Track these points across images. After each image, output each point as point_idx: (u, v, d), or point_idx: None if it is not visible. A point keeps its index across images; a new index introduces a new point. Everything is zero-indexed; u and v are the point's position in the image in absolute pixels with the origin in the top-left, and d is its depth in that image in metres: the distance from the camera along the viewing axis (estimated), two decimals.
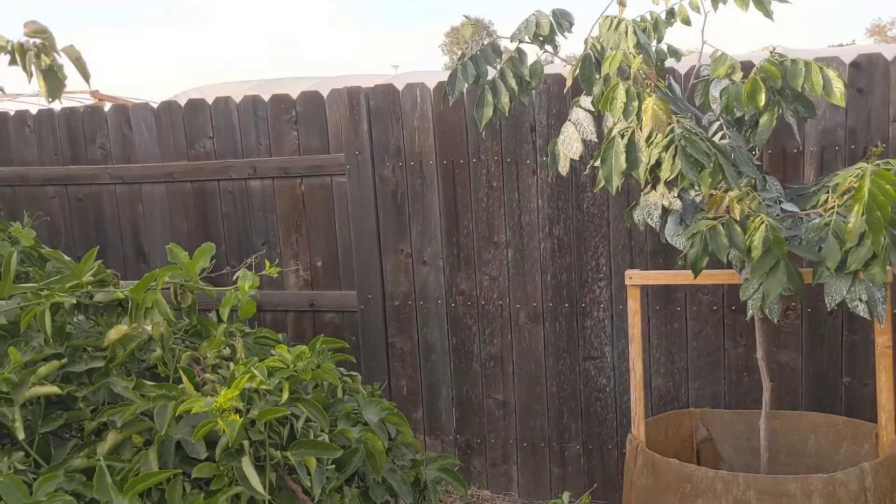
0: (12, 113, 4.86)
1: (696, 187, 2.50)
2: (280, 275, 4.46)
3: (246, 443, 1.60)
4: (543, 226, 4.05)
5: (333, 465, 1.75)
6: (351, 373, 2.23)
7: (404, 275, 4.30)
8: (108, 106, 4.99)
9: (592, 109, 3.05)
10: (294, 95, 4.37)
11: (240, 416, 1.57)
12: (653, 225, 2.77)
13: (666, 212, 2.79)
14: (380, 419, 1.99)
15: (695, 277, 2.52)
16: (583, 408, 4.14)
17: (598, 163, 2.66)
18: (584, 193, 3.97)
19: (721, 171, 2.39)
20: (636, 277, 3.01)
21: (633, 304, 3.03)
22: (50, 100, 1.84)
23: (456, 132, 4.09)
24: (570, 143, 3.10)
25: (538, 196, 4.04)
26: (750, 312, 2.53)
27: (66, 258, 1.97)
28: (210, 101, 4.50)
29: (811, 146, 3.64)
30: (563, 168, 3.14)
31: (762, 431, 2.95)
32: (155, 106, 4.62)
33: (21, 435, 1.59)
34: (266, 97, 4.41)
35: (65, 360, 1.72)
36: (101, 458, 1.59)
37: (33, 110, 4.86)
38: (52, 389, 1.64)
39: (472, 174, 4.11)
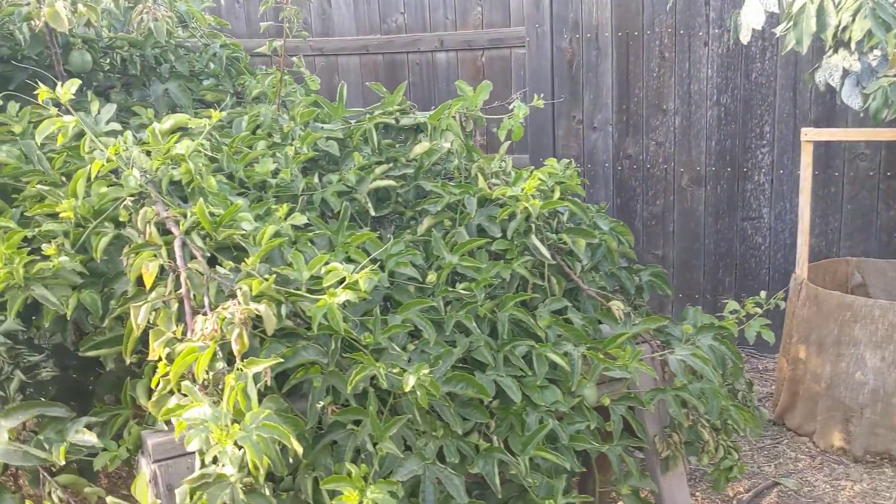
0: None
1: (881, 48, 2.82)
2: None
3: (533, 224, 2.14)
4: (711, 94, 4.39)
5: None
6: None
7: (574, 139, 4.74)
8: None
9: None
10: None
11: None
12: (833, 85, 3.11)
13: (845, 74, 3.11)
14: (610, 227, 2.50)
15: (875, 124, 2.87)
16: (738, 263, 4.56)
17: (788, 26, 3.00)
18: (752, 64, 4.28)
19: None
20: (811, 134, 3.37)
21: (806, 159, 3.40)
22: None
23: (632, 4, 4.43)
24: (753, 14, 3.42)
25: (708, 66, 4.37)
26: None
27: (384, 89, 2.52)
28: None
29: None
30: (745, 37, 3.47)
31: None
32: None
33: (373, 212, 2.18)
34: None
35: (390, 165, 2.28)
36: (427, 233, 2.17)
37: None
38: (390, 183, 2.20)
39: (645, 45, 4.46)
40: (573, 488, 2.23)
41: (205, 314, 1.66)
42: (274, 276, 1.68)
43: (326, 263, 1.72)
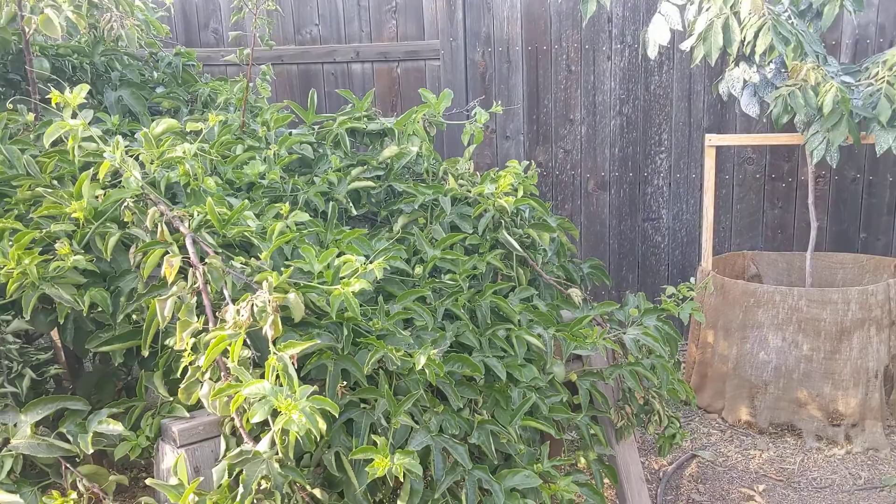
0: None
1: (776, 62, 3.20)
2: None
3: (503, 220, 2.34)
4: (614, 105, 4.74)
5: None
6: None
7: (488, 148, 5.00)
8: None
9: (678, 3, 3.72)
10: None
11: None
12: (736, 94, 3.49)
13: (745, 85, 3.49)
14: (558, 223, 2.74)
15: (777, 130, 3.25)
16: (640, 261, 4.93)
17: (696, 42, 3.34)
18: (651, 77, 4.66)
19: (801, 46, 3.10)
20: (715, 139, 3.74)
21: (710, 162, 3.77)
22: None
23: (540, 22, 4.73)
24: (659, 31, 3.77)
25: (611, 79, 4.72)
26: (816, 159, 3.27)
27: (354, 96, 2.66)
28: None
29: (846, 39, 4.33)
30: (653, 52, 3.81)
31: (808, 260, 3.75)
32: None
33: (354, 212, 2.32)
34: None
35: (364, 167, 2.43)
36: (414, 231, 2.34)
37: None
38: (368, 184, 2.35)
39: (553, 59, 4.77)
40: None
41: (226, 306, 1.77)
42: (292, 268, 1.80)
43: (338, 256, 1.86)
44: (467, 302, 2.21)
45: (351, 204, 2.32)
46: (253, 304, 1.66)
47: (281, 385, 1.56)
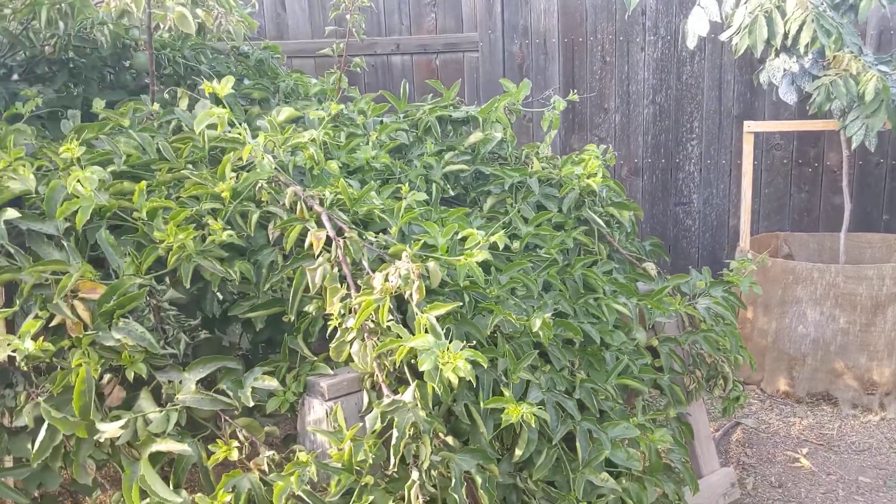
0: None
1: (813, 53, 3.42)
2: None
3: (587, 199, 2.56)
4: (647, 94, 4.96)
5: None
6: None
7: (526, 137, 5.21)
8: None
9: None
10: None
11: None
12: (776, 83, 3.70)
13: (784, 74, 3.71)
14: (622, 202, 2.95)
15: (819, 116, 3.47)
16: (672, 245, 5.15)
17: (740, 34, 3.56)
18: (683, 67, 4.87)
19: (841, 38, 3.32)
20: (753, 126, 3.96)
21: (747, 147, 3.99)
22: None
23: (576, 14, 4.93)
24: (698, 23, 3.98)
25: (644, 69, 4.93)
26: (855, 144, 3.50)
27: (442, 86, 2.86)
28: None
29: (871, 30, 4.55)
30: (692, 42, 4.03)
31: (842, 239, 3.98)
32: None
33: (451, 193, 2.53)
34: None
35: (454, 152, 2.64)
36: (506, 210, 2.55)
37: None
38: (461, 167, 2.56)
39: (588, 50, 4.98)
40: None
41: (367, 275, 1.98)
42: (422, 241, 2.01)
43: (457, 232, 2.07)
44: (557, 274, 2.42)
45: (448, 186, 2.53)
46: (399, 272, 1.87)
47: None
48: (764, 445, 3.54)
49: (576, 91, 5.00)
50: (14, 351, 1.76)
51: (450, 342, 1.73)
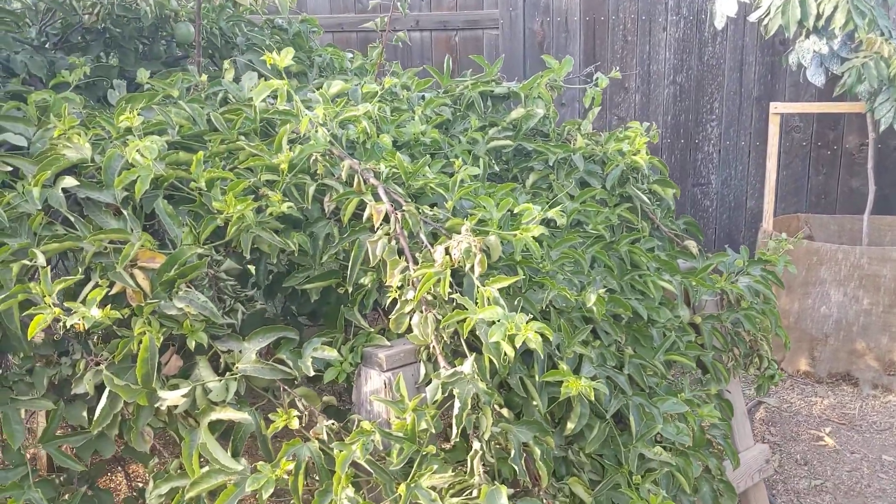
0: None
1: (843, 37, 3.43)
2: None
3: (631, 176, 2.57)
4: (668, 74, 4.96)
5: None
6: None
7: None
8: None
9: None
10: None
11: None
12: (805, 64, 3.71)
13: (814, 56, 3.72)
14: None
15: (849, 98, 3.48)
16: None
17: (772, 15, 3.56)
18: (705, 48, 4.87)
19: (875, 21, 3.32)
20: (780, 107, 3.97)
21: (773, 129, 4.00)
22: None
23: None
24: (727, 3, 3.98)
25: (666, 49, 4.93)
26: (884, 126, 3.51)
27: (486, 62, 2.86)
28: None
29: (893, 14, 4.55)
30: (720, 23, 4.03)
31: (865, 221, 4.00)
32: None
33: (496, 168, 2.53)
34: None
35: (498, 128, 2.64)
36: (533, 186, 2.56)
37: None
38: (504, 143, 2.57)
39: (609, 29, 4.97)
40: None
41: (425, 248, 1.99)
42: (479, 215, 2.02)
43: (511, 207, 2.08)
44: (602, 250, 2.44)
45: (493, 161, 2.54)
46: (461, 245, 1.88)
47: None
48: (787, 424, 3.58)
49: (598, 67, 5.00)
50: (82, 318, 1.77)
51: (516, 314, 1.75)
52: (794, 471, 3.21)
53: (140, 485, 2.66)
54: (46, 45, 2.97)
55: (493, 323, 1.71)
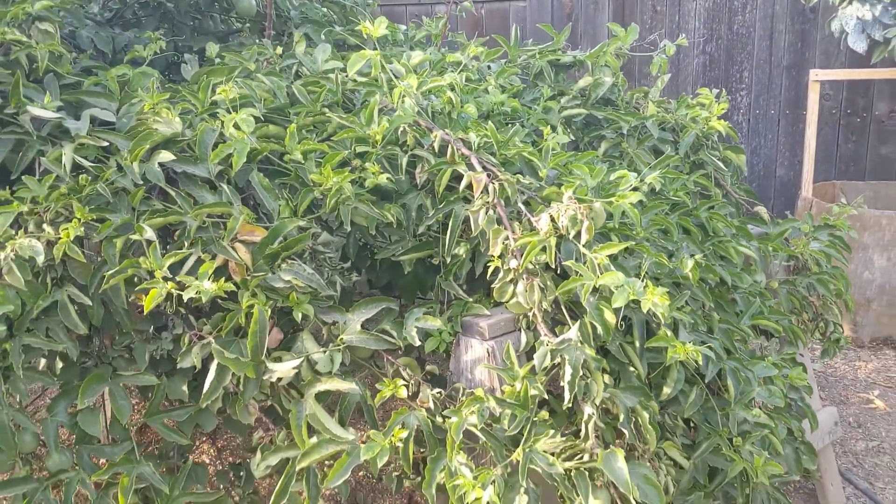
0: None
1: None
2: None
3: (704, 142, 2.58)
4: (698, 44, 4.95)
5: None
6: None
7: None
8: None
9: None
10: None
11: None
12: (848, 31, 3.72)
13: (857, 22, 3.72)
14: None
15: (885, 65, 3.49)
16: None
17: None
18: (735, 17, 4.87)
19: None
20: (820, 74, 3.98)
21: (813, 96, 4.01)
22: None
23: None
24: None
25: (695, 19, 4.92)
26: None
27: (553, 31, 2.86)
28: None
29: None
30: None
31: None
32: None
33: (570, 137, 2.54)
34: None
35: (568, 97, 2.64)
36: (605, 154, 2.56)
37: None
38: (577, 111, 2.57)
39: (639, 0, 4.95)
40: None
41: (525, 217, 1.99)
42: (576, 183, 2.03)
43: (607, 173, 2.08)
44: (684, 216, 2.45)
45: (569, 130, 2.54)
46: (567, 213, 1.88)
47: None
48: (835, 388, 3.62)
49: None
50: (198, 291, 1.76)
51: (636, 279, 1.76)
52: (849, 433, 3.25)
53: (230, 460, 2.67)
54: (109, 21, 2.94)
55: (617, 288, 1.72)
